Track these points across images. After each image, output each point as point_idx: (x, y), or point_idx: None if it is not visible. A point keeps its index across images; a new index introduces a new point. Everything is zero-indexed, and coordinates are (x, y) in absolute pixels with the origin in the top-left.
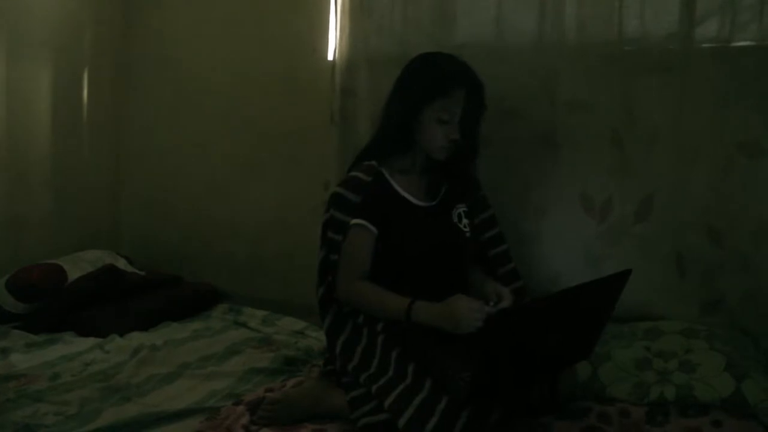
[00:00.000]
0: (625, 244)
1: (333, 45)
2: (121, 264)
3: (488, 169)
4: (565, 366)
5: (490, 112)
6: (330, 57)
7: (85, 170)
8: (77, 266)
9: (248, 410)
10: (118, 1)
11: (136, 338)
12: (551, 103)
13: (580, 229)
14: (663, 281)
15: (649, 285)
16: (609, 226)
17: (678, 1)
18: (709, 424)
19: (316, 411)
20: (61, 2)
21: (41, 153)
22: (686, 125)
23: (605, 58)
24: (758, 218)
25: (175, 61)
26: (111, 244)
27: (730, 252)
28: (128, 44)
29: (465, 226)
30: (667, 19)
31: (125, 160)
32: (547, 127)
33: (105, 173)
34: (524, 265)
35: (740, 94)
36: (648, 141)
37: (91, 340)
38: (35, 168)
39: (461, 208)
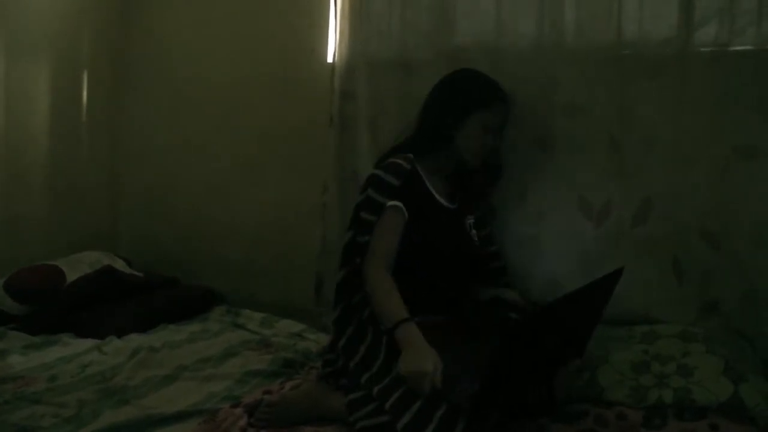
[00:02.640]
0: (623, 247)
1: (332, 47)
2: (120, 265)
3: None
4: (559, 366)
5: None
6: (329, 59)
7: (84, 171)
8: (75, 268)
9: (246, 412)
10: (117, 2)
11: (135, 340)
12: (549, 106)
13: (579, 233)
14: (660, 284)
15: (646, 288)
16: (607, 230)
17: (676, 6)
18: (707, 428)
19: (314, 413)
20: (60, 3)
21: (40, 154)
22: (684, 129)
23: (603, 61)
24: (756, 221)
25: (173, 62)
26: (109, 245)
27: (728, 255)
28: (127, 45)
29: (474, 236)
30: (665, 23)
31: (124, 161)
32: (546, 130)
33: (103, 174)
34: (523, 268)
35: (738, 98)
36: (646, 144)
37: (89, 342)
38: (33, 169)
39: (471, 219)
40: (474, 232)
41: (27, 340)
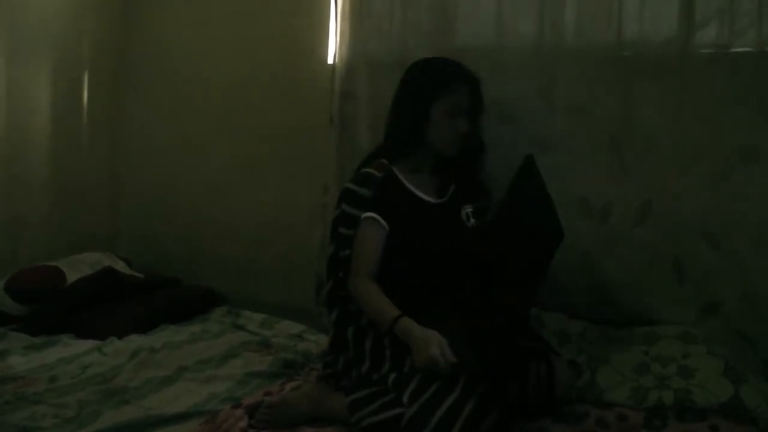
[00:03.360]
0: (624, 248)
1: (333, 48)
2: (120, 266)
3: (486, 174)
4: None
5: (489, 116)
6: (330, 60)
7: (84, 171)
8: (76, 268)
9: (246, 414)
10: (117, 2)
11: (135, 341)
12: (550, 107)
13: (579, 234)
14: (660, 284)
15: (647, 289)
16: (607, 231)
17: (677, 7)
18: (707, 429)
19: (315, 414)
20: (61, 4)
21: (40, 154)
22: (684, 130)
23: (603, 61)
24: (756, 222)
25: (174, 63)
26: (109, 246)
27: (728, 255)
28: (127, 45)
29: (473, 226)
30: (665, 24)
31: (124, 161)
32: (546, 130)
33: (104, 175)
34: None
35: (738, 99)
36: (646, 145)
37: (89, 343)
38: (34, 169)
39: (468, 208)
40: (473, 221)
41: (27, 341)
